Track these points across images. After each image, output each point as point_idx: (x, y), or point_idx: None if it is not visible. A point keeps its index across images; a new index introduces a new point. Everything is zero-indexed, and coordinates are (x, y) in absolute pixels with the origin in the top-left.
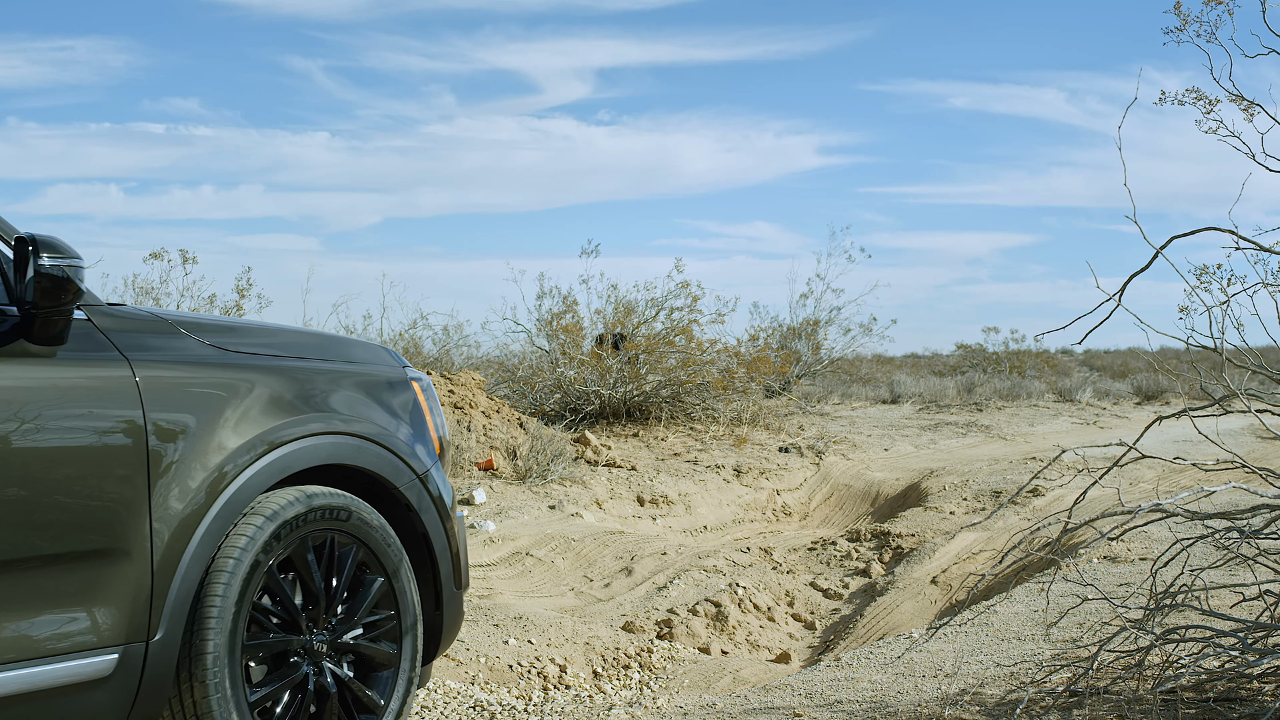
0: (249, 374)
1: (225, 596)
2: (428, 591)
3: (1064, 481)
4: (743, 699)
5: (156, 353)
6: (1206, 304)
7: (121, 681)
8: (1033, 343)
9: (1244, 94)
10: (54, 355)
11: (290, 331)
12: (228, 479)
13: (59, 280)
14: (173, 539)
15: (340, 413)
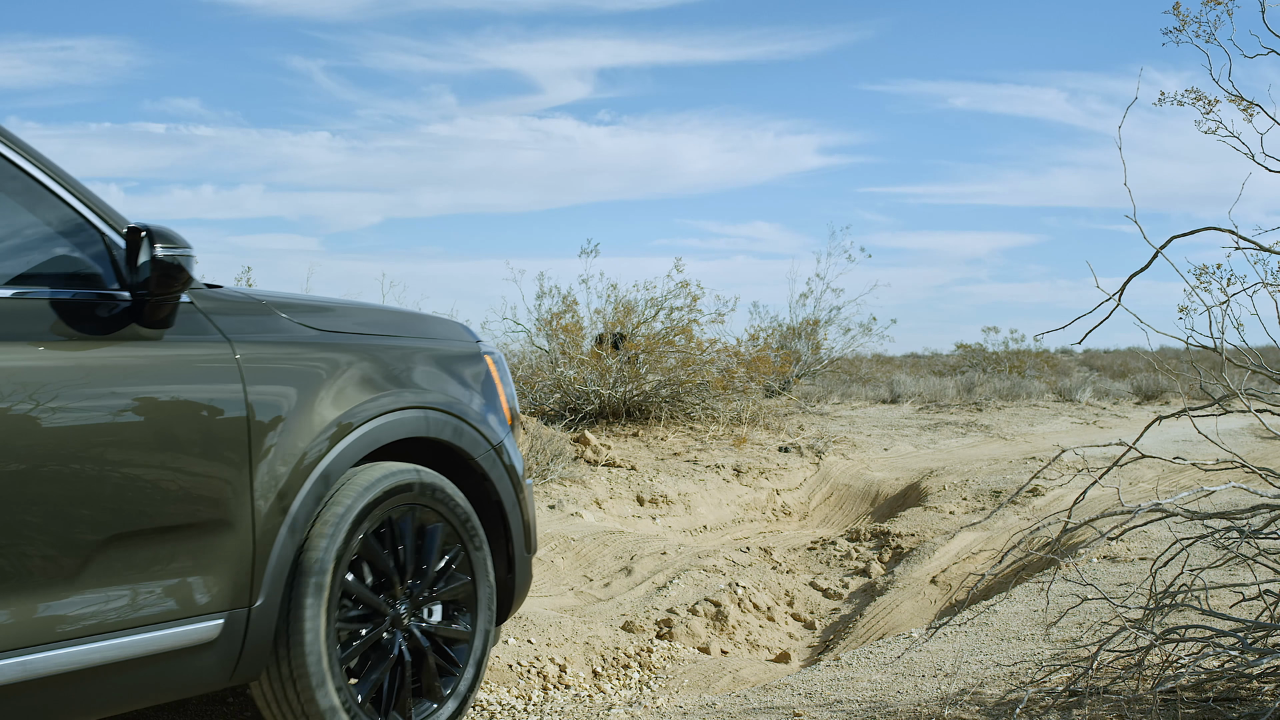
0: (339, 352)
1: (322, 566)
2: (500, 556)
3: (1064, 481)
4: (742, 699)
5: (254, 333)
6: (1206, 304)
7: (226, 645)
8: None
9: (1243, 94)
10: (161, 338)
11: (373, 309)
12: (322, 453)
13: (173, 268)
14: (271, 510)
15: (422, 388)
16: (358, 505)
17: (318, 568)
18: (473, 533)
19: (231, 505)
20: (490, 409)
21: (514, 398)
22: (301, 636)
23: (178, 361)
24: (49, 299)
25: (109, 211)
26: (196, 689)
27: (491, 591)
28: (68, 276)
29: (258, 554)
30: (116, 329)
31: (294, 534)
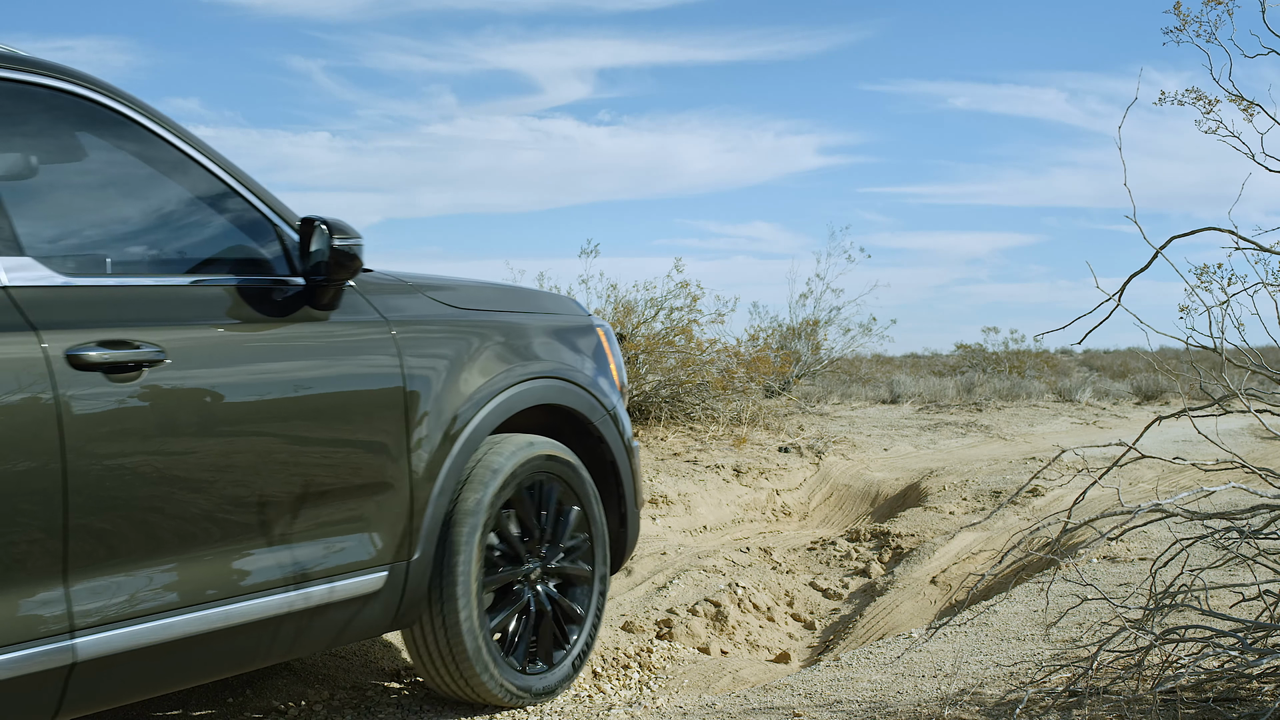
0: (476, 327)
1: (472, 524)
2: (612, 511)
3: (1064, 481)
4: (742, 699)
5: (404, 311)
6: (1206, 304)
7: (389, 595)
8: (1032, 343)
9: (1244, 94)
10: (328, 318)
11: (499, 287)
12: (468, 420)
13: (348, 256)
14: (426, 472)
15: (547, 359)
16: (504, 471)
17: (469, 525)
18: (592, 498)
19: (392, 468)
20: (604, 376)
21: (622, 367)
22: (454, 588)
23: (345, 339)
24: (236, 285)
25: (282, 206)
26: (364, 634)
27: (606, 548)
28: (247, 264)
29: (414, 512)
30: (292, 311)
31: (445, 494)
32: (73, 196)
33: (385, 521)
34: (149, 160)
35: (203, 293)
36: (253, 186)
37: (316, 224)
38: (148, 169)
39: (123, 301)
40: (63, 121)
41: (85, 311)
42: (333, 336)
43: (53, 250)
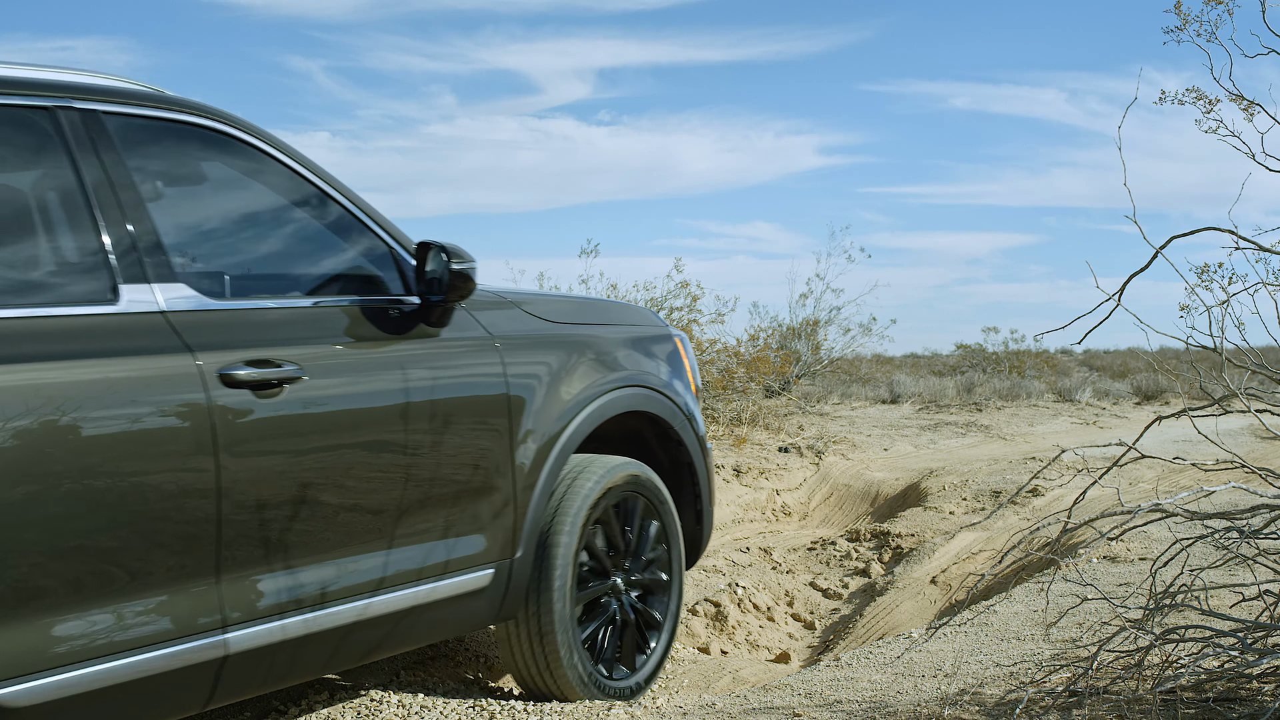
0: (567, 340)
1: (571, 528)
2: (688, 510)
3: (1064, 481)
4: (742, 699)
5: (505, 326)
6: (1206, 304)
7: (494, 590)
8: (1032, 343)
9: (1244, 94)
10: (438, 335)
11: (585, 301)
12: (562, 427)
13: (464, 277)
14: (528, 475)
15: (631, 368)
16: (594, 494)
17: (567, 529)
18: (671, 513)
19: (499, 473)
20: (680, 381)
21: (697, 372)
22: (550, 586)
23: (457, 354)
24: (360, 305)
25: (397, 230)
26: (471, 627)
27: (682, 559)
28: (368, 285)
29: (518, 513)
30: (410, 328)
31: (544, 496)
32: (215, 225)
33: (493, 522)
34: (280, 190)
35: (331, 313)
36: (372, 213)
37: (433, 247)
38: (280, 198)
39: (263, 323)
40: (205, 155)
41: (232, 333)
42: (446, 352)
43: (200, 275)
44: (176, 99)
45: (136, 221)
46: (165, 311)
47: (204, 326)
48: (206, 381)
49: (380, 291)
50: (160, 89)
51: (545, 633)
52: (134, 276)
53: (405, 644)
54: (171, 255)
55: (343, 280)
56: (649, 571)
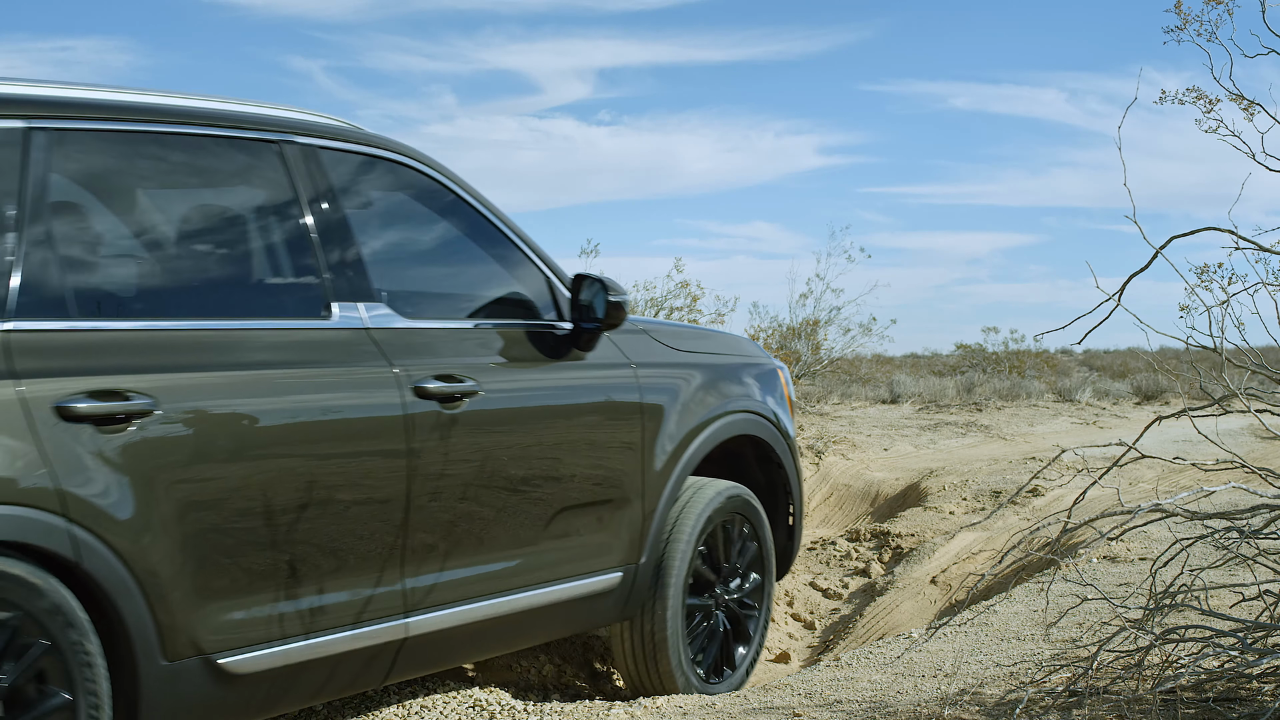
0: (693, 368)
1: (689, 538)
2: (781, 527)
3: (1064, 481)
4: (742, 699)
5: (639, 352)
6: (1206, 304)
7: (621, 592)
8: (1032, 343)
9: (1244, 93)
10: (585, 358)
11: (700, 331)
12: (685, 447)
13: (619, 309)
14: (654, 489)
15: (743, 396)
16: (705, 515)
17: (684, 542)
18: (767, 536)
19: (632, 485)
20: (783, 410)
21: (794, 400)
22: (665, 593)
23: (602, 376)
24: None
25: (553, 262)
26: (599, 624)
27: (773, 577)
28: (528, 310)
29: (645, 524)
30: (565, 351)
31: (666, 508)
32: (404, 250)
33: (624, 529)
34: (458, 222)
35: (499, 334)
36: (533, 245)
37: (589, 279)
38: (457, 229)
39: (447, 341)
40: (397, 188)
41: (422, 349)
42: (593, 374)
43: (395, 296)
44: (375, 136)
45: (345, 246)
46: (369, 328)
47: (400, 343)
48: (403, 392)
49: (536, 317)
50: (360, 126)
51: (658, 635)
52: (343, 295)
53: (542, 637)
54: (372, 277)
55: (507, 305)
56: (744, 587)
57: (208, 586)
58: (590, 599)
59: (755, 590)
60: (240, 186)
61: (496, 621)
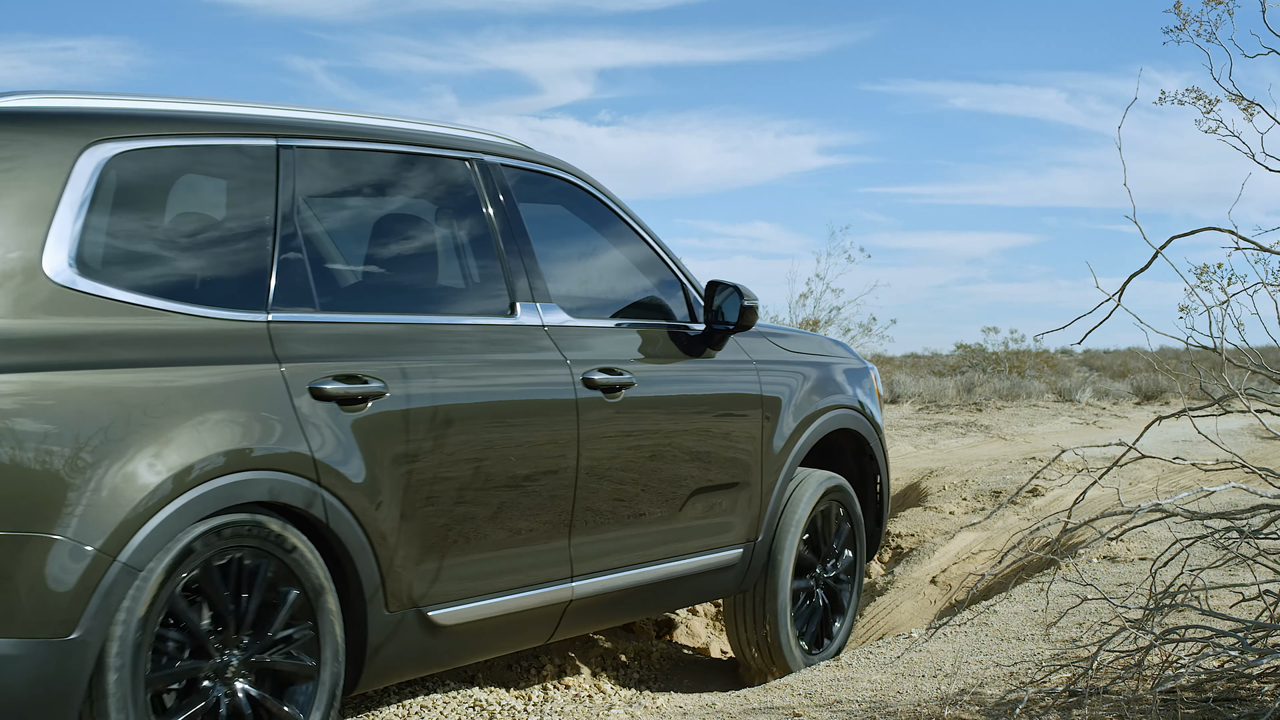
0: (802, 367)
1: (798, 520)
2: (870, 513)
3: (1064, 481)
4: (742, 699)
5: (759, 353)
6: (1206, 304)
7: (741, 567)
8: (1032, 343)
9: (1244, 94)
10: (714, 356)
11: (806, 335)
12: (798, 437)
13: (752, 312)
14: (769, 475)
15: (844, 394)
16: (812, 500)
17: (794, 523)
18: (860, 519)
19: (752, 470)
20: (875, 407)
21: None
22: (778, 569)
23: (730, 374)
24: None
25: (687, 269)
26: (719, 595)
27: (864, 557)
28: (666, 313)
29: (763, 505)
30: (699, 350)
31: (779, 493)
32: (567, 257)
33: (746, 510)
34: (610, 234)
35: (646, 333)
36: (672, 255)
37: (723, 286)
38: (610, 240)
39: (608, 339)
40: (560, 201)
41: (588, 346)
42: (723, 371)
43: (563, 300)
44: (544, 155)
45: (524, 254)
46: (545, 326)
47: (570, 340)
48: (575, 382)
49: (672, 318)
50: (529, 146)
51: (769, 608)
52: (524, 297)
53: (674, 605)
54: (546, 281)
55: (651, 307)
56: (840, 567)
57: (421, 548)
58: (716, 572)
59: (849, 568)
60: (441, 200)
61: (640, 590)
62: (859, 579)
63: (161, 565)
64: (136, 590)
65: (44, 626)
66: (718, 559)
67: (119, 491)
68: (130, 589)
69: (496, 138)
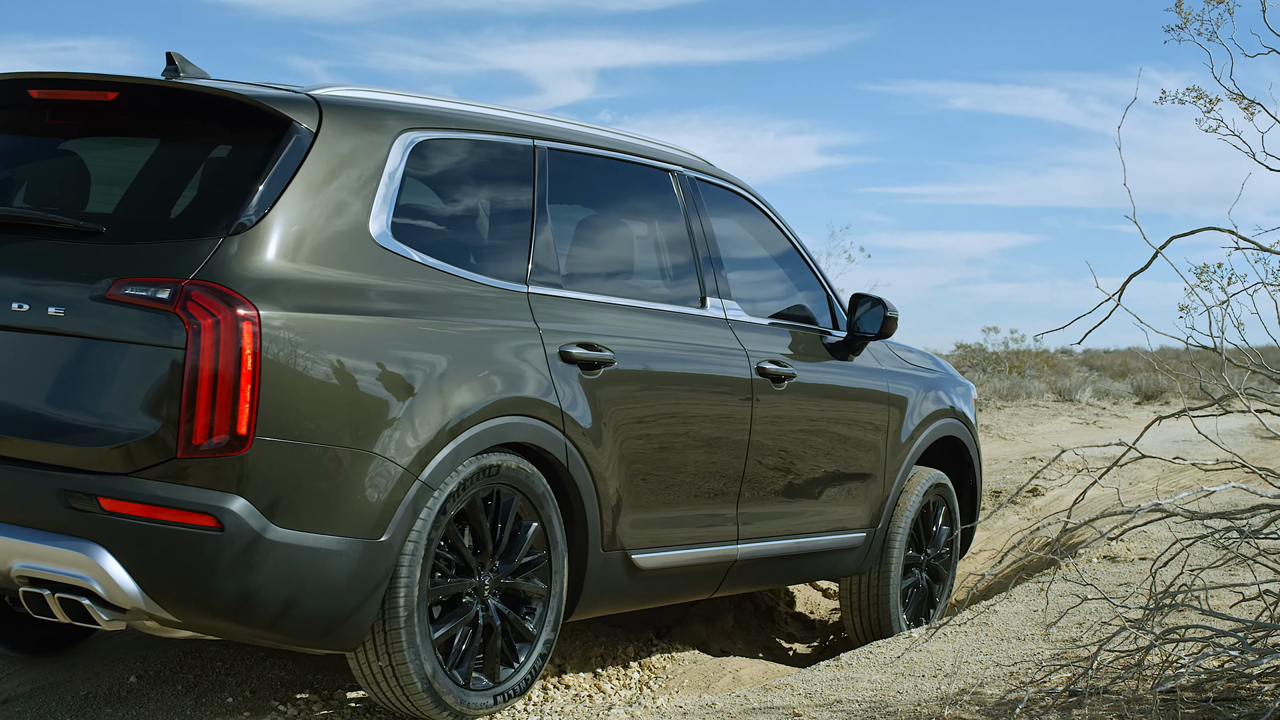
0: (919, 378)
1: (910, 511)
2: (966, 511)
3: (1064, 481)
4: (742, 698)
5: (885, 360)
6: (1206, 304)
7: (862, 549)
8: (1032, 343)
9: (1244, 93)
10: (851, 360)
11: (919, 350)
12: (915, 439)
13: (894, 322)
14: (892, 468)
15: (951, 404)
16: (926, 485)
17: (908, 513)
18: (957, 517)
19: (878, 464)
20: (973, 419)
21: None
22: (891, 554)
23: (863, 373)
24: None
25: (830, 282)
26: (841, 574)
27: (958, 538)
28: (812, 319)
29: (884, 495)
30: (843, 354)
31: (899, 487)
32: (740, 261)
33: (871, 498)
34: (772, 246)
35: (802, 335)
36: (820, 269)
37: (866, 298)
38: (772, 250)
39: (775, 336)
40: (735, 213)
41: (759, 340)
42: (860, 373)
43: (739, 299)
44: (724, 172)
45: (712, 254)
46: (728, 319)
47: (746, 332)
48: (751, 369)
49: (816, 323)
50: (710, 163)
51: (882, 587)
52: (712, 292)
53: (807, 579)
54: (728, 280)
55: (803, 313)
56: (940, 557)
57: (631, 497)
58: (843, 551)
59: (946, 559)
60: (651, 202)
61: (785, 559)
62: (954, 569)
63: (448, 489)
64: (430, 506)
65: (363, 528)
66: (846, 540)
67: (425, 420)
68: (425, 505)
69: (687, 153)
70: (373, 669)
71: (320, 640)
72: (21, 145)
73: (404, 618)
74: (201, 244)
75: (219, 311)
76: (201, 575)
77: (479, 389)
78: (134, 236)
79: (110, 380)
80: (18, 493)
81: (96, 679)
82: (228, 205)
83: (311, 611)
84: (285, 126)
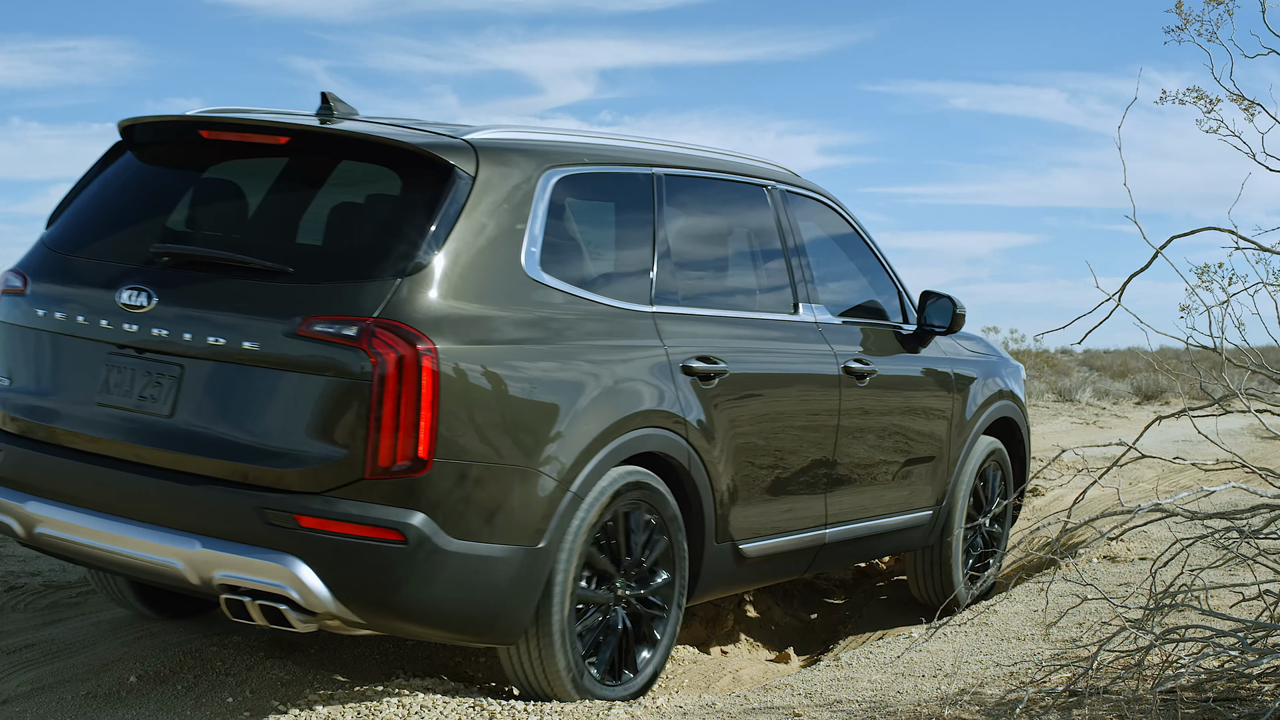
0: (980, 364)
1: (967, 490)
2: (1016, 470)
3: (1064, 481)
4: (742, 698)
5: (949, 350)
6: (1206, 304)
7: (928, 527)
8: (1033, 342)
9: (1244, 94)
10: (919, 351)
11: (976, 336)
12: (974, 423)
13: (962, 319)
14: (955, 450)
15: (1005, 386)
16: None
17: (964, 489)
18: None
19: (944, 446)
20: (1023, 398)
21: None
22: (953, 527)
23: (932, 368)
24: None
25: (900, 278)
26: (911, 549)
27: (1010, 512)
28: (885, 315)
29: (948, 475)
30: (914, 347)
31: (962, 467)
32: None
33: (935, 479)
34: (852, 250)
35: (879, 332)
36: (892, 267)
37: (936, 295)
38: (851, 255)
39: (856, 335)
40: (821, 221)
41: (844, 340)
42: (929, 366)
43: (826, 302)
44: (809, 182)
45: (802, 263)
46: (818, 322)
47: (831, 333)
48: (838, 368)
49: (889, 319)
50: (796, 174)
51: (945, 560)
52: (803, 298)
53: (881, 555)
54: (815, 286)
55: (879, 310)
56: (995, 523)
57: (738, 493)
58: (912, 529)
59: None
60: (749, 218)
61: (864, 539)
62: (1007, 529)
63: (595, 500)
64: (581, 515)
65: (524, 536)
66: (915, 519)
67: (573, 436)
68: (576, 513)
69: (778, 166)
70: (525, 661)
71: (484, 636)
72: (191, 182)
73: (556, 616)
74: (382, 284)
75: (401, 347)
76: (387, 583)
77: (618, 405)
78: (319, 277)
79: (301, 408)
80: (218, 509)
81: (96, 679)
82: (402, 247)
83: (479, 611)
84: (449, 172)
